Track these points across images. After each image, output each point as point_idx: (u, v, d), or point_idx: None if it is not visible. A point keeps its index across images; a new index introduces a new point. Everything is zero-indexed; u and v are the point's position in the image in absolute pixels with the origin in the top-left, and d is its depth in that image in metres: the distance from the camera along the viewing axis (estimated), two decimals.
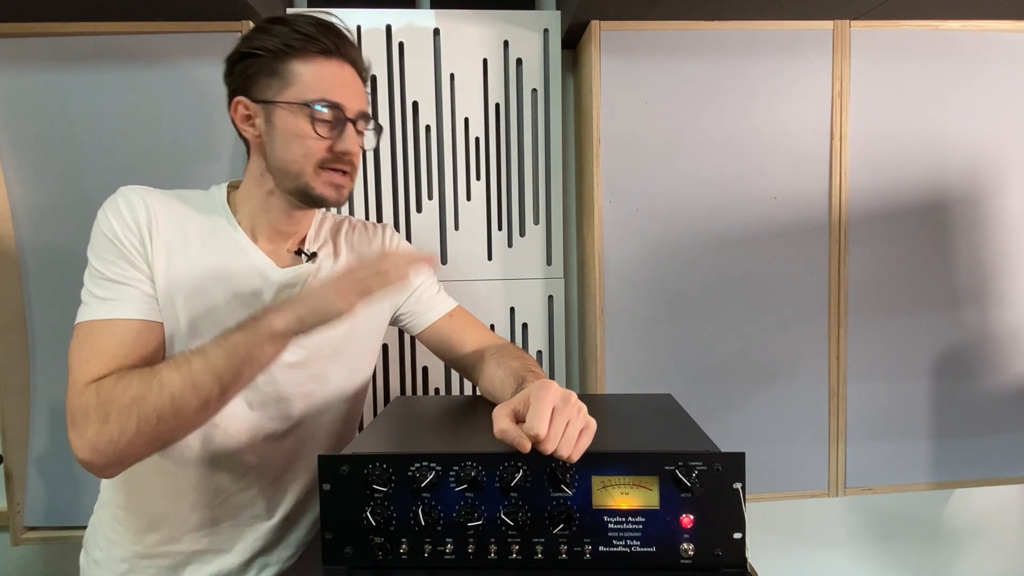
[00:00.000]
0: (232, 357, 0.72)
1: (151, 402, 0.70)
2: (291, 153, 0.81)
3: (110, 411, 0.70)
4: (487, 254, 1.40)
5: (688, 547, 0.64)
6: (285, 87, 0.80)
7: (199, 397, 0.71)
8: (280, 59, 0.80)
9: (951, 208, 1.41)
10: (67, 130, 1.25)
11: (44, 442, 1.31)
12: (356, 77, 0.85)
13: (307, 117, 0.79)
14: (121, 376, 0.73)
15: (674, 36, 1.32)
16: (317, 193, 0.82)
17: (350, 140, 0.82)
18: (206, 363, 0.72)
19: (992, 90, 1.38)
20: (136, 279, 0.78)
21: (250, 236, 0.86)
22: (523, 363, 0.90)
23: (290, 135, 0.80)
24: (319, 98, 0.79)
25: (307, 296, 0.75)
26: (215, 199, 0.88)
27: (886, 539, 1.72)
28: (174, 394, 0.71)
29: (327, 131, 0.80)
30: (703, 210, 1.36)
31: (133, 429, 0.70)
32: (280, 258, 0.88)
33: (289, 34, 0.79)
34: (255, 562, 0.91)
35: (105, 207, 0.80)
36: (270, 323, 0.73)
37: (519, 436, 0.63)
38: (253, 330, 0.73)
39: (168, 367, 0.72)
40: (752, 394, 1.41)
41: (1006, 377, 1.45)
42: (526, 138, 1.39)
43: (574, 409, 0.65)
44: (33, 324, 1.29)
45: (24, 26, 1.22)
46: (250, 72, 0.81)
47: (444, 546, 0.65)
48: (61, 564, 1.52)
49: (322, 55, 0.80)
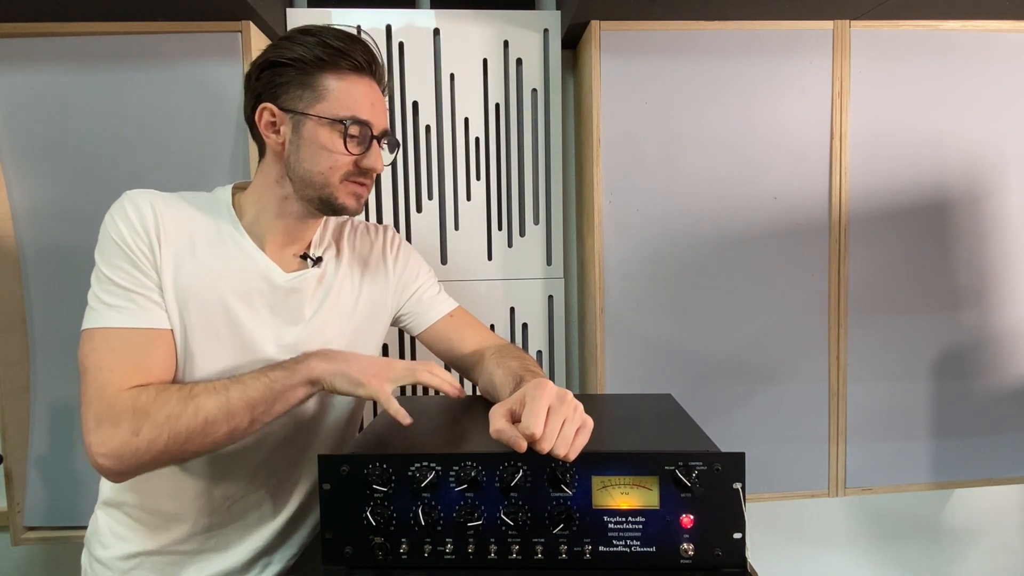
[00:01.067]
0: (268, 391, 0.76)
1: (184, 423, 0.73)
2: (319, 165, 0.82)
3: (143, 424, 0.72)
4: (487, 254, 1.40)
5: (688, 547, 0.65)
6: (317, 100, 0.81)
7: (230, 425, 0.75)
8: (312, 71, 0.81)
9: (951, 208, 1.41)
10: (67, 130, 1.25)
11: (44, 442, 1.31)
12: (381, 95, 0.87)
13: (339, 133, 0.81)
14: (161, 391, 0.75)
15: (674, 36, 1.32)
16: (340, 203, 0.84)
17: (375, 158, 0.84)
18: (244, 393, 0.75)
19: (992, 90, 1.38)
20: (146, 287, 0.79)
21: (257, 241, 0.86)
22: (522, 363, 0.90)
23: (319, 148, 0.82)
24: (351, 115, 0.81)
25: (351, 361, 0.80)
26: (220, 202, 0.88)
27: (886, 539, 1.72)
28: (208, 419, 0.74)
29: (356, 147, 0.82)
30: (703, 210, 1.36)
31: (161, 446, 0.73)
32: (286, 262, 0.88)
33: (322, 47, 0.80)
34: (258, 562, 0.91)
35: (113, 211, 0.80)
36: (310, 368, 0.78)
37: (515, 436, 0.63)
38: (293, 370, 0.78)
39: (206, 392, 0.75)
40: (752, 394, 1.41)
41: (1006, 377, 1.45)
42: (526, 138, 1.39)
43: (570, 408, 0.66)
44: (33, 324, 1.29)
45: (24, 26, 1.22)
46: (279, 81, 0.82)
47: (444, 546, 0.65)
48: (61, 564, 1.52)
49: (354, 72, 0.82)
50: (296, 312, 0.88)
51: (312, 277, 0.89)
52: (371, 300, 0.96)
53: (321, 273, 0.90)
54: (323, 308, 0.90)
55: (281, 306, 0.87)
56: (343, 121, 0.81)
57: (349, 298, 0.94)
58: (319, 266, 0.90)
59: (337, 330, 0.92)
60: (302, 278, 0.87)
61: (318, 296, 0.90)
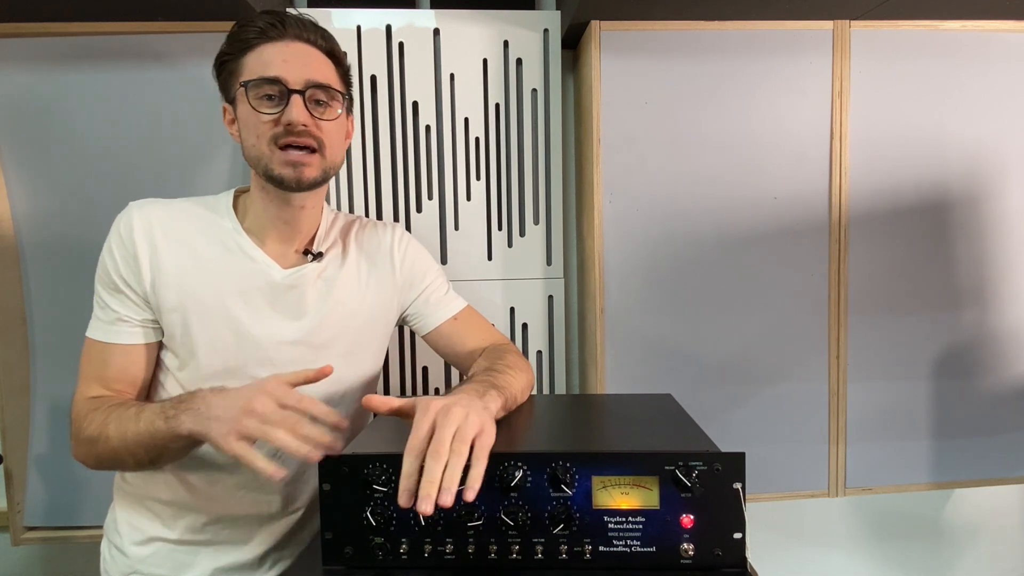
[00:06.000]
0: (154, 438, 0.76)
1: (101, 447, 0.79)
2: (249, 138, 0.82)
3: (80, 436, 0.80)
4: (487, 254, 1.40)
5: (688, 547, 0.65)
6: (238, 80, 0.82)
7: (133, 459, 0.78)
8: (235, 59, 0.82)
9: (951, 208, 1.41)
10: (67, 130, 1.25)
11: (44, 442, 1.31)
12: (309, 51, 0.83)
13: (248, 98, 0.80)
14: (90, 410, 0.80)
15: (674, 36, 1.32)
16: (276, 174, 0.81)
17: (295, 110, 0.79)
18: (137, 434, 0.77)
19: (992, 90, 1.38)
20: (126, 305, 0.84)
21: (256, 239, 0.87)
22: (490, 362, 0.90)
23: (244, 122, 0.82)
24: (256, 77, 0.80)
25: (210, 415, 0.71)
26: (221, 205, 0.89)
27: (886, 539, 1.72)
28: (115, 449, 0.78)
29: (270, 106, 0.80)
30: (703, 210, 1.36)
31: (93, 460, 0.81)
32: (287, 259, 0.89)
33: (239, 32, 0.82)
34: (269, 556, 0.93)
35: (113, 227, 0.84)
36: (178, 427, 0.73)
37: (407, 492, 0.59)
38: (168, 426, 0.74)
39: (115, 421, 0.78)
40: (752, 394, 1.41)
41: (1006, 377, 1.45)
42: (526, 138, 1.39)
43: (453, 422, 0.61)
44: (33, 324, 1.29)
45: (24, 26, 1.22)
46: (220, 78, 0.85)
47: (444, 546, 0.65)
48: (61, 564, 1.52)
49: (266, 41, 0.81)
50: (296, 308, 0.88)
51: (310, 272, 0.89)
52: (377, 298, 0.96)
53: (322, 268, 0.90)
54: (324, 305, 0.90)
55: (280, 302, 0.87)
56: (245, 84, 0.80)
57: (353, 295, 0.94)
58: (319, 261, 0.90)
59: (339, 327, 0.91)
60: (299, 273, 0.88)
61: (319, 292, 0.90)
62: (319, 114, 0.82)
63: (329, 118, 0.83)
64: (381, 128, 1.35)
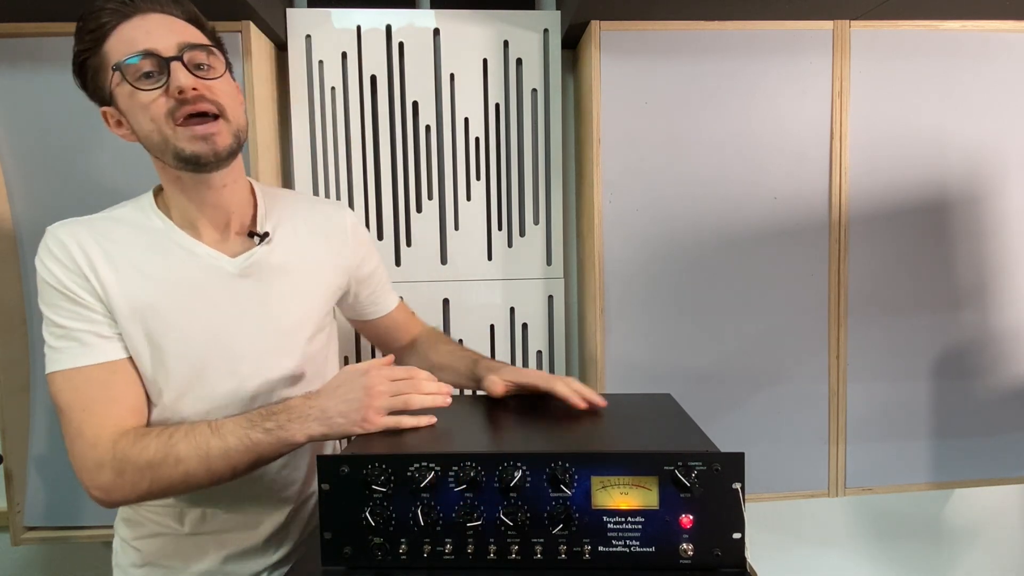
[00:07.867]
0: (249, 453, 0.76)
1: (165, 472, 0.75)
2: (144, 125, 0.76)
3: (126, 467, 0.75)
4: (487, 254, 1.40)
5: (687, 547, 0.64)
6: (107, 69, 0.76)
7: (211, 478, 0.76)
8: (97, 50, 0.77)
9: (951, 208, 1.41)
10: (68, 130, 1.25)
11: (44, 442, 1.31)
12: (168, 19, 0.78)
13: (127, 81, 0.75)
14: (139, 436, 0.76)
15: (674, 36, 1.32)
16: (188, 152, 0.76)
17: (180, 75, 0.75)
18: (224, 451, 0.75)
19: (992, 90, 1.38)
20: (92, 320, 0.78)
21: (192, 232, 0.83)
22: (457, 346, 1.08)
23: (131, 110, 0.76)
24: (124, 56, 0.75)
25: (329, 414, 0.76)
26: (144, 206, 0.85)
27: (886, 539, 1.72)
28: (188, 471, 0.75)
29: (151, 82, 0.75)
30: (703, 210, 1.36)
31: (145, 488, 0.76)
32: (229, 246, 0.85)
33: (88, 23, 0.76)
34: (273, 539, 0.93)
35: (40, 254, 0.79)
36: (292, 437, 0.76)
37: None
38: (275, 438, 0.76)
39: (186, 441, 0.75)
40: (752, 394, 1.41)
41: (1006, 377, 1.45)
42: (526, 138, 1.39)
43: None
44: (33, 324, 1.29)
45: (24, 26, 1.22)
46: (85, 81, 0.79)
47: (443, 546, 0.65)
48: (61, 564, 1.52)
49: (122, 20, 0.76)
50: (256, 294, 0.85)
51: (262, 255, 0.86)
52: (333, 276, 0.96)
53: (271, 250, 0.87)
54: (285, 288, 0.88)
55: (239, 293, 0.84)
56: (116, 67, 0.74)
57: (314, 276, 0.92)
58: (267, 242, 0.86)
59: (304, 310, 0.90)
60: (251, 260, 0.85)
61: (276, 276, 0.87)
62: (204, 75, 0.78)
63: (215, 77, 0.78)
64: (381, 128, 1.35)
